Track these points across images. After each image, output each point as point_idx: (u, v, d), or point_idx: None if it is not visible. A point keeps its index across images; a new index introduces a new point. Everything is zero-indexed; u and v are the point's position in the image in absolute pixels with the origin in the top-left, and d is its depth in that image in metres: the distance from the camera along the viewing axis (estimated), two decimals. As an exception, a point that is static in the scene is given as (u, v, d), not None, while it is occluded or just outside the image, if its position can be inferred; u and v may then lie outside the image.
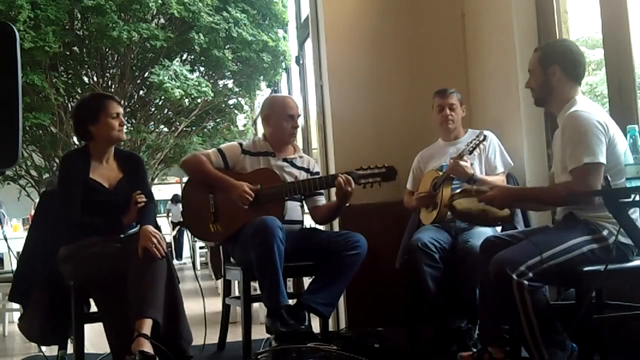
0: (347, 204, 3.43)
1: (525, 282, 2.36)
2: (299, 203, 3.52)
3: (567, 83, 2.61)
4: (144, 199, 3.16)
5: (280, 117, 3.52)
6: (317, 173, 3.63)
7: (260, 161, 3.50)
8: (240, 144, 3.58)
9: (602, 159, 2.40)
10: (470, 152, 3.30)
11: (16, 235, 5.27)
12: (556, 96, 2.63)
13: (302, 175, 3.51)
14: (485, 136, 3.31)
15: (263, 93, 11.01)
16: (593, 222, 2.47)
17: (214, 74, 10.99)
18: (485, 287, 2.77)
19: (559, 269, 2.40)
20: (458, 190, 3.04)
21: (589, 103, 2.61)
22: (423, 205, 3.51)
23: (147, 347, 2.71)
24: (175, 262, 10.41)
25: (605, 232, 2.44)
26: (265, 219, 3.12)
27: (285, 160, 3.53)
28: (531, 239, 2.51)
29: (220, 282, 4.90)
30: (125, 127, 3.23)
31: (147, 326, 2.76)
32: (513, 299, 2.37)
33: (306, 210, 3.65)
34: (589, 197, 2.44)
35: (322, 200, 3.56)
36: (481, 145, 3.30)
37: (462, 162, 3.28)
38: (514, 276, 2.36)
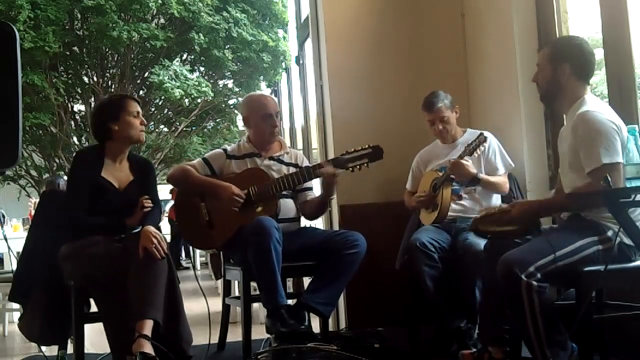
0: (333, 197, 3.42)
1: (534, 282, 2.34)
2: (291, 200, 3.47)
3: (576, 82, 2.58)
4: (150, 205, 3.16)
5: (259, 117, 3.48)
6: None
7: (247, 163, 3.47)
8: (225, 150, 3.56)
9: (620, 158, 2.38)
10: (471, 154, 3.28)
11: (16, 235, 5.28)
12: (564, 95, 2.60)
13: (292, 171, 3.41)
14: (485, 137, 3.30)
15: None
16: (599, 223, 2.46)
17: (214, 74, 11.01)
18: (488, 287, 2.77)
19: (565, 270, 2.39)
20: (480, 215, 2.83)
21: (599, 103, 2.59)
22: (423, 207, 3.51)
23: (148, 349, 2.71)
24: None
25: (610, 233, 2.43)
26: (261, 219, 3.11)
27: (271, 158, 3.50)
28: (544, 238, 2.49)
29: (220, 282, 4.90)
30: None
31: (147, 327, 2.76)
32: (520, 299, 2.36)
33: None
34: (589, 198, 2.43)
35: (311, 195, 3.50)
36: (481, 147, 3.29)
37: (463, 162, 3.28)
38: (523, 277, 2.34)
